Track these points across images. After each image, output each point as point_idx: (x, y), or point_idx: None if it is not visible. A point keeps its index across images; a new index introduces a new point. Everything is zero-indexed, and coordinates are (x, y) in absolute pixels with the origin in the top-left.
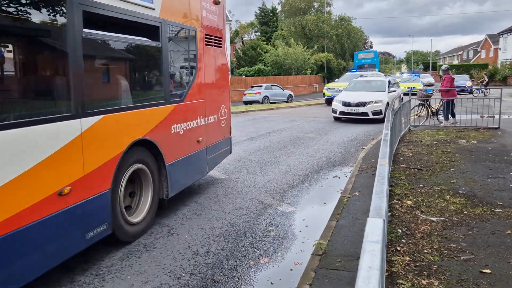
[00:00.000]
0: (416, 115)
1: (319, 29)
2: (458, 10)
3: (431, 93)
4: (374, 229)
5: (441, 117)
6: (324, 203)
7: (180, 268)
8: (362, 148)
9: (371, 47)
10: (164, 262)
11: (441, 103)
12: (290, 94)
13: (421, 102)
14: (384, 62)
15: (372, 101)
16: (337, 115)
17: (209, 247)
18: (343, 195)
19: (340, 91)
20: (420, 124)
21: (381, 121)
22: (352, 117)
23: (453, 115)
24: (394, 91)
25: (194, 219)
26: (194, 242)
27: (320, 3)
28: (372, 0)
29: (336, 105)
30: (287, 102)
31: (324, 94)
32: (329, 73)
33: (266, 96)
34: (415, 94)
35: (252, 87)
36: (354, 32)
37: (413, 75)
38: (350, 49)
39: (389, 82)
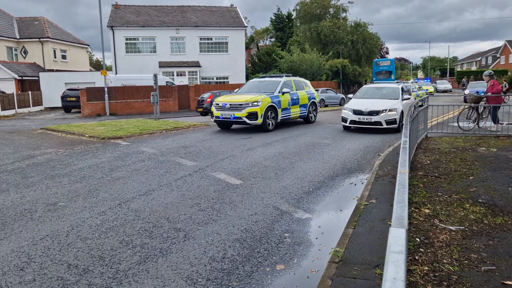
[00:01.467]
0: (467, 118)
1: (334, 35)
2: (478, 15)
3: (483, 96)
4: (397, 239)
5: (487, 123)
6: (340, 210)
7: (196, 273)
8: (379, 154)
9: (387, 53)
10: (181, 267)
11: (482, 108)
12: (343, 97)
13: (472, 105)
14: (400, 68)
15: (386, 110)
16: (347, 124)
17: (225, 253)
18: (359, 202)
19: (236, 107)
20: (470, 127)
21: (395, 131)
22: (364, 126)
23: (497, 121)
24: (408, 98)
25: (210, 224)
26: (210, 248)
27: (336, 9)
28: (389, 6)
29: (346, 113)
30: (340, 104)
31: (212, 113)
32: (345, 79)
33: (322, 99)
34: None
35: None
36: (370, 38)
37: (425, 80)
38: (365, 55)
39: (402, 89)
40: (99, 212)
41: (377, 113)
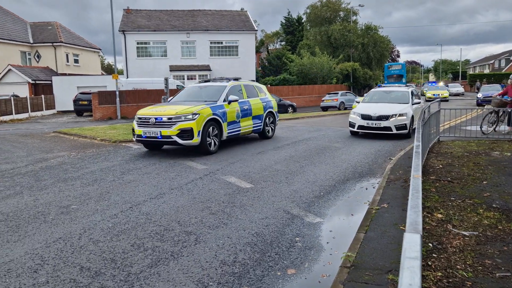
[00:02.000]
0: (489, 122)
1: (345, 38)
2: (491, 18)
3: (510, 100)
4: (412, 245)
5: (500, 127)
6: (352, 215)
7: (207, 277)
8: (390, 159)
9: (398, 56)
10: (192, 270)
11: (501, 111)
12: None
13: (496, 109)
14: (411, 71)
15: (395, 114)
16: (355, 129)
17: (236, 257)
18: (371, 206)
19: (163, 122)
20: (489, 131)
21: (405, 136)
22: (373, 132)
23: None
24: (418, 103)
25: (220, 228)
26: (221, 251)
27: (346, 12)
28: (401, 9)
29: (354, 118)
30: None
31: (133, 131)
32: (355, 82)
33: (342, 102)
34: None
35: (329, 94)
36: (381, 41)
37: (430, 84)
38: (376, 58)
39: (411, 92)
40: (111, 215)
41: (386, 118)
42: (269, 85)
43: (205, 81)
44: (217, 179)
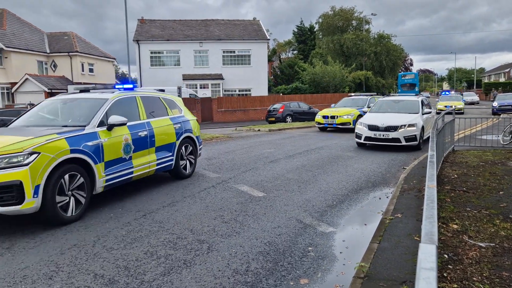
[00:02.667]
0: (505, 131)
1: (357, 47)
2: (506, 26)
3: None
4: (427, 256)
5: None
6: (365, 224)
7: (220, 286)
8: (404, 168)
9: (411, 64)
10: (204, 279)
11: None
12: None
13: None
14: (425, 80)
15: (405, 125)
16: (361, 141)
17: (249, 266)
18: (384, 216)
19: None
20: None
21: (415, 148)
22: (380, 143)
23: None
24: (429, 112)
25: (233, 237)
26: (234, 260)
27: (359, 21)
28: (414, 18)
29: (361, 129)
30: None
31: None
32: (368, 91)
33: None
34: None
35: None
36: (394, 50)
37: (444, 94)
38: (389, 67)
39: (422, 102)
40: (124, 223)
41: (395, 128)
42: (281, 94)
43: (81, 90)
44: (229, 187)
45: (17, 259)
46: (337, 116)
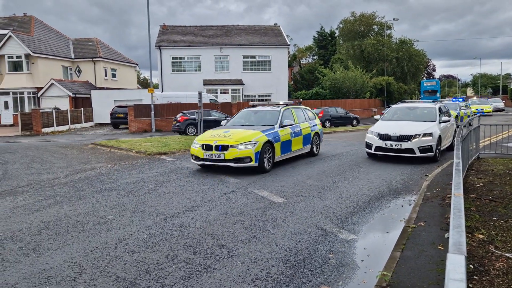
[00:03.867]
0: None
1: (378, 53)
2: None
3: None
4: (456, 266)
5: None
6: (387, 232)
7: None
8: (426, 175)
9: (434, 70)
10: (224, 284)
11: None
12: None
13: None
14: (448, 85)
15: (419, 134)
16: (372, 151)
17: (269, 272)
18: (407, 224)
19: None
20: None
21: (431, 160)
22: (392, 154)
23: None
24: (447, 121)
25: (253, 242)
26: (254, 266)
27: (380, 26)
28: (439, 22)
29: (371, 138)
30: None
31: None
32: (389, 97)
33: None
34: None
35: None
36: (416, 55)
37: (454, 100)
38: (411, 72)
39: (439, 109)
40: (145, 226)
41: (408, 138)
42: (301, 99)
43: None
44: (249, 193)
45: (42, 260)
46: (228, 146)
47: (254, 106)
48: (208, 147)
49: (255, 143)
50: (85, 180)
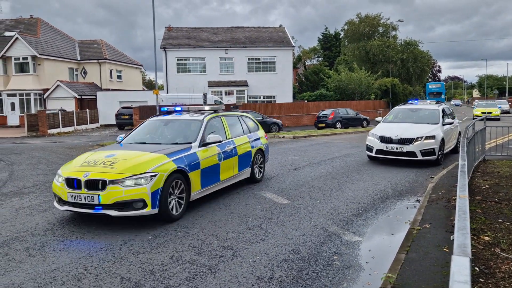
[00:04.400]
0: None
1: (383, 54)
2: None
3: None
4: (461, 268)
5: None
6: (392, 234)
7: None
8: (431, 177)
9: (439, 71)
10: (229, 285)
11: None
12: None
13: None
14: (453, 87)
15: (421, 137)
16: (372, 154)
17: (273, 273)
18: (412, 226)
19: None
20: None
21: (433, 163)
22: (393, 157)
23: None
24: (451, 123)
25: (257, 244)
26: (258, 267)
27: (385, 27)
28: (445, 23)
29: (372, 141)
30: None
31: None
32: (394, 98)
33: None
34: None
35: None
36: (421, 56)
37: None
38: (416, 74)
39: (443, 111)
40: (150, 227)
41: (410, 141)
42: (306, 101)
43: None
44: (254, 194)
45: (47, 260)
46: (105, 182)
47: (168, 112)
48: (73, 184)
49: (153, 175)
50: None
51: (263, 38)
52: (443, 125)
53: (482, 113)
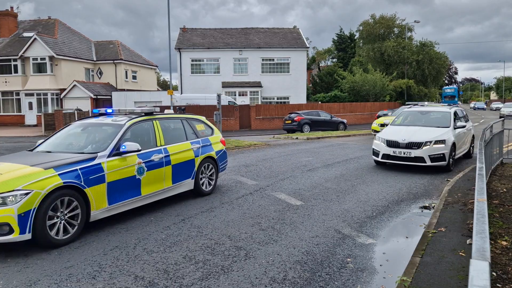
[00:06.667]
0: None
1: (399, 55)
2: None
3: None
4: (480, 273)
5: None
6: (406, 237)
7: None
8: (447, 180)
9: (456, 73)
10: (242, 285)
11: None
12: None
13: None
14: (470, 89)
15: (430, 141)
16: (379, 159)
17: (286, 274)
18: (427, 230)
19: None
20: None
21: (443, 169)
22: (400, 162)
23: None
24: (463, 126)
25: (270, 244)
26: (271, 268)
27: (401, 28)
28: (464, 24)
29: (378, 145)
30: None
31: None
32: (409, 100)
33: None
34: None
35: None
36: (437, 58)
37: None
38: (432, 75)
39: (455, 114)
40: (164, 227)
41: (418, 145)
42: (319, 102)
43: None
44: (267, 195)
45: (63, 258)
46: None
47: (100, 114)
48: None
49: (25, 193)
50: None
51: (277, 39)
52: (455, 128)
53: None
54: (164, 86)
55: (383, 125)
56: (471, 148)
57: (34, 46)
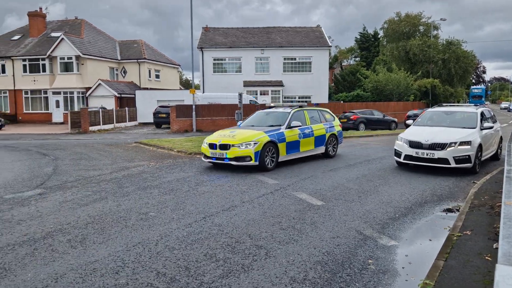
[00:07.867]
0: None
1: (424, 54)
2: None
3: None
4: (505, 278)
5: None
6: (430, 240)
7: None
8: (474, 182)
9: (484, 72)
10: (262, 284)
11: None
12: None
13: None
14: (499, 88)
15: (455, 142)
16: (401, 160)
17: (306, 274)
18: (451, 232)
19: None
20: None
21: (469, 171)
22: (423, 164)
23: None
24: (490, 127)
25: (291, 244)
26: (291, 268)
27: (427, 26)
28: (494, 22)
29: (401, 145)
30: None
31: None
32: (434, 100)
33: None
34: None
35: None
36: (464, 57)
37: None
38: (458, 75)
39: (481, 114)
40: (185, 224)
41: (442, 146)
42: (341, 101)
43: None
44: (287, 194)
45: (88, 253)
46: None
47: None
48: (213, 146)
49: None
50: (128, 177)
51: (299, 38)
52: (481, 129)
53: None
54: (186, 85)
55: (213, 146)
56: (499, 150)
57: (61, 45)
